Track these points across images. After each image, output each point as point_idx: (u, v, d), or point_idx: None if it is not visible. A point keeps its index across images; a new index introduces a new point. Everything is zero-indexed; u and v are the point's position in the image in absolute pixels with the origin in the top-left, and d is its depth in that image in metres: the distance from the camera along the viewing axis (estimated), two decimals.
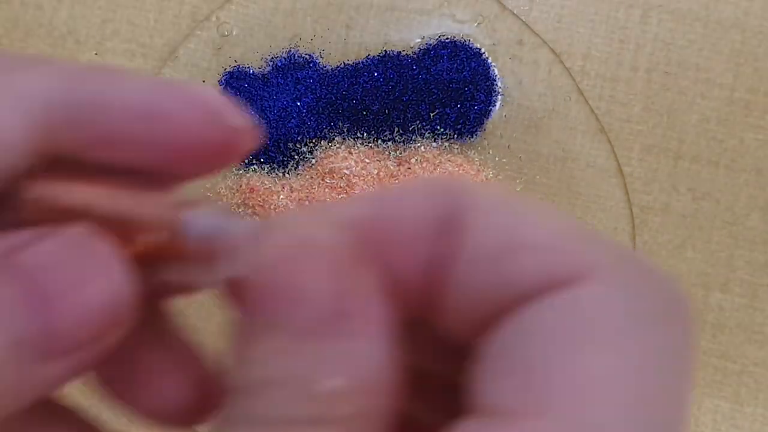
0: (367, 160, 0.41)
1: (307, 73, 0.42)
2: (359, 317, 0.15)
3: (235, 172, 0.42)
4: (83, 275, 0.15)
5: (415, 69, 0.42)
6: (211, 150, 0.17)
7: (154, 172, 0.17)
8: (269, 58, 0.42)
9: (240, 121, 0.17)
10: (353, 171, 0.41)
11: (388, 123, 0.42)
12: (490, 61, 0.43)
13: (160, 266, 0.17)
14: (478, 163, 0.42)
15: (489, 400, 0.15)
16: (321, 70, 0.42)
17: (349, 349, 0.15)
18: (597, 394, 0.14)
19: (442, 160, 0.42)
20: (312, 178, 0.41)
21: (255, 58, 0.43)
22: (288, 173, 0.42)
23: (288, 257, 0.15)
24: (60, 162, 0.17)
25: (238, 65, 0.42)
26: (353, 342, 0.15)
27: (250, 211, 0.41)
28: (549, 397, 0.14)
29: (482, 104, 0.42)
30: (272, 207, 0.41)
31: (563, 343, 0.14)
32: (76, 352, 0.15)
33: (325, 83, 0.42)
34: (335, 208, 0.17)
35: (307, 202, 0.41)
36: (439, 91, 0.42)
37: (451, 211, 0.16)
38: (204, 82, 0.42)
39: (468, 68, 0.42)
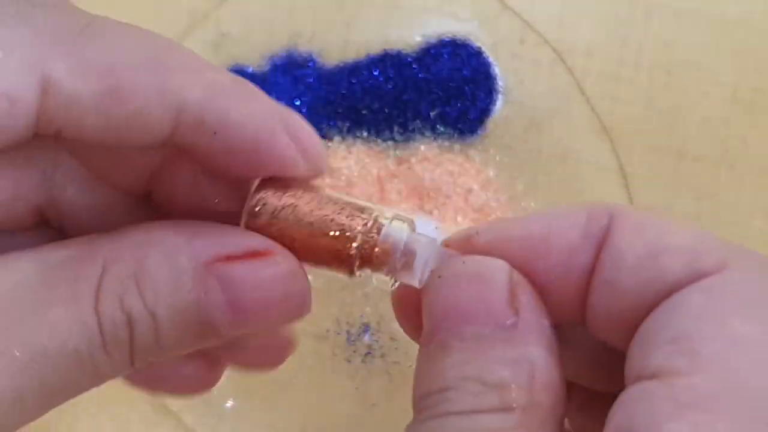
0: (366, 160, 0.41)
1: (307, 72, 0.42)
2: (525, 328, 0.19)
3: None
4: (276, 298, 0.20)
5: (416, 68, 0.42)
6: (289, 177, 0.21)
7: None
8: (268, 56, 0.42)
9: (322, 161, 0.21)
10: (353, 170, 0.41)
11: (388, 122, 0.41)
12: (491, 59, 0.43)
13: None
14: (478, 162, 0.42)
15: (649, 366, 0.17)
16: (320, 69, 0.42)
17: (519, 353, 0.18)
18: (742, 355, 0.16)
19: (443, 159, 0.42)
20: None
21: (254, 57, 0.42)
22: None
23: (466, 285, 0.19)
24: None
25: (237, 64, 0.42)
26: (522, 347, 0.18)
27: None
28: (702, 358, 0.16)
29: (483, 103, 0.42)
30: None
31: (711, 315, 0.17)
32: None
33: (325, 82, 0.42)
34: (499, 228, 0.20)
35: None
36: (439, 90, 0.41)
37: (602, 226, 0.19)
38: None
39: (469, 67, 0.42)
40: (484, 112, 0.42)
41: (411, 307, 0.21)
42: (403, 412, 0.20)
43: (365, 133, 0.42)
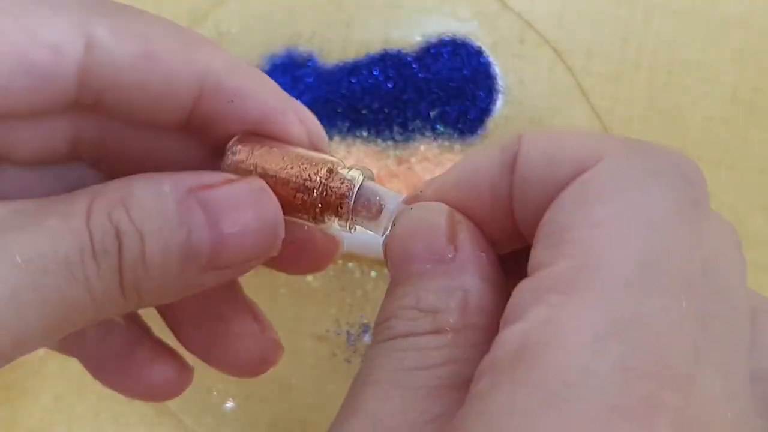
0: (366, 160, 0.41)
1: (307, 71, 0.42)
2: (461, 260, 0.21)
3: None
4: (251, 217, 0.21)
5: (416, 67, 0.42)
6: None
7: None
8: (268, 56, 0.42)
9: (326, 144, 0.25)
10: None
11: (388, 122, 0.41)
12: (491, 59, 0.42)
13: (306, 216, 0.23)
14: None
15: (531, 265, 0.18)
16: (320, 69, 0.42)
17: (454, 282, 0.20)
18: (599, 237, 0.17)
19: (443, 159, 0.41)
20: None
21: (254, 57, 0.42)
22: None
23: (411, 229, 0.21)
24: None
25: None
26: (457, 277, 0.20)
27: None
28: (563, 246, 0.18)
29: (483, 103, 0.42)
30: None
31: (578, 205, 0.18)
32: (229, 269, 0.22)
33: (325, 81, 0.42)
34: (438, 180, 0.23)
35: None
36: (439, 90, 0.41)
37: (513, 152, 0.20)
38: None
39: (469, 67, 0.42)
40: (484, 112, 0.42)
41: None
42: None
43: (365, 133, 0.41)
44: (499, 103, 0.42)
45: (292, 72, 0.42)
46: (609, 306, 0.16)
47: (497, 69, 0.42)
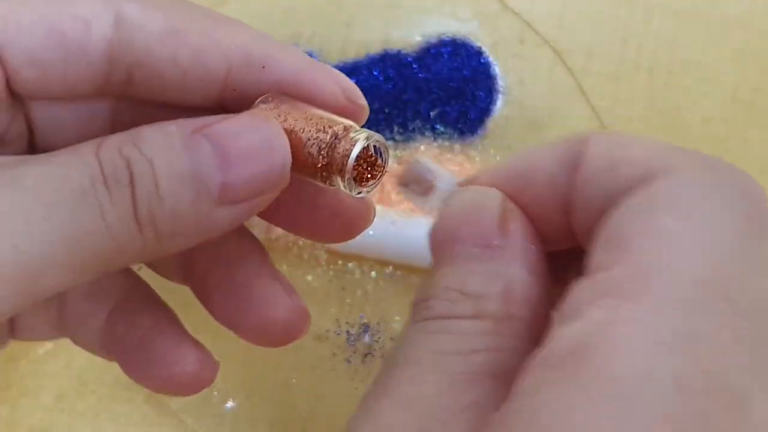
0: None
1: None
2: (510, 249, 0.20)
3: None
4: (258, 146, 0.21)
5: (416, 67, 0.42)
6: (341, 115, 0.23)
7: None
8: None
9: (363, 101, 0.25)
10: None
11: (388, 122, 0.41)
12: (491, 59, 0.43)
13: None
14: (479, 162, 0.42)
15: (590, 265, 0.18)
16: None
17: (500, 269, 0.20)
18: (665, 247, 0.17)
19: (443, 159, 0.42)
20: None
21: None
22: None
23: (462, 211, 0.21)
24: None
25: None
26: (504, 265, 0.20)
27: None
28: (625, 252, 0.17)
29: (483, 103, 0.42)
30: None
31: (645, 214, 0.18)
32: (240, 203, 0.21)
33: None
34: (495, 169, 0.22)
35: None
36: (439, 90, 0.41)
37: (575, 152, 0.20)
38: None
39: (469, 67, 0.42)
40: (484, 112, 0.42)
41: None
42: None
43: None
44: (499, 103, 0.42)
45: None
46: (670, 318, 0.16)
47: (497, 69, 0.42)
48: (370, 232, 0.30)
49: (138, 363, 0.27)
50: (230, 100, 0.24)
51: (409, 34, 0.43)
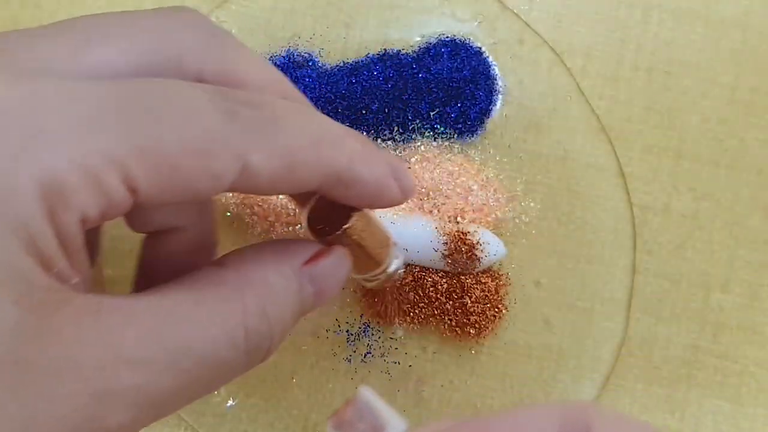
0: None
1: (306, 72, 0.42)
2: None
3: None
4: (340, 282, 0.27)
5: (415, 68, 0.42)
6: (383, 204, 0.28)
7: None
8: (268, 57, 0.42)
9: (412, 196, 0.31)
10: None
11: (388, 122, 0.42)
12: (490, 60, 0.43)
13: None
14: (478, 162, 0.42)
15: None
16: (320, 69, 0.42)
17: None
18: None
19: (443, 159, 0.42)
20: None
21: None
22: None
23: None
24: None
25: None
26: None
27: (248, 210, 0.41)
28: None
29: (483, 103, 0.42)
30: (271, 206, 0.41)
31: None
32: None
33: (325, 82, 0.42)
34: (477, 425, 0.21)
35: None
36: (439, 90, 0.42)
37: (574, 426, 0.19)
38: None
39: (468, 67, 0.42)
40: (484, 113, 0.42)
41: None
42: (403, 412, 0.20)
43: (365, 133, 0.42)
44: (499, 103, 0.42)
45: (292, 73, 0.42)
46: None
47: (497, 69, 0.43)
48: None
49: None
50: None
51: (409, 34, 0.43)
